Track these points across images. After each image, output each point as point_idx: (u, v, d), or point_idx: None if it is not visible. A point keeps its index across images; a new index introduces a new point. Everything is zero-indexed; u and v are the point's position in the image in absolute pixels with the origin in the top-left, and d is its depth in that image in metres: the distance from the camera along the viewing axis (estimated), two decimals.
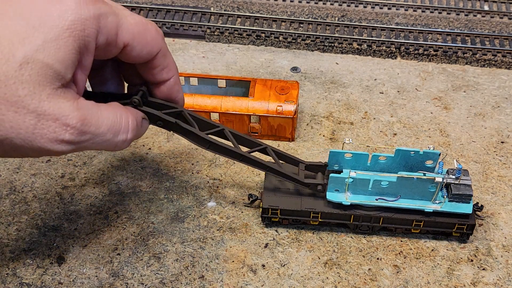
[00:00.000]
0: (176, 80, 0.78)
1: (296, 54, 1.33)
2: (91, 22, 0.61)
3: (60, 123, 0.60)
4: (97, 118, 0.64)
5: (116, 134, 0.67)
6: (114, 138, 0.67)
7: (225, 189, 1.02)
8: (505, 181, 1.04)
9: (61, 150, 0.62)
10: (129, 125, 0.69)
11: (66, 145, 0.62)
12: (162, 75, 0.76)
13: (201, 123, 0.84)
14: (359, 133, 1.13)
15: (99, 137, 0.65)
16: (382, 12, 1.45)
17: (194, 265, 0.90)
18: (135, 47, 0.69)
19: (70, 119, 0.61)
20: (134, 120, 0.70)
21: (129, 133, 0.69)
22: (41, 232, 0.94)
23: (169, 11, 1.43)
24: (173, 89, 0.78)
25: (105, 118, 0.65)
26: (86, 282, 0.88)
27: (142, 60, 0.72)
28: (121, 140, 0.68)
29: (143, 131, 0.76)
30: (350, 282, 0.88)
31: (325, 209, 0.92)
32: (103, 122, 0.65)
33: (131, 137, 0.69)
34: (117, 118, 0.67)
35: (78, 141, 0.62)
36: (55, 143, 0.61)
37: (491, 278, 0.89)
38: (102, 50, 0.66)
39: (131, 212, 0.98)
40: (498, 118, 1.16)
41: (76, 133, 0.62)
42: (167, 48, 0.75)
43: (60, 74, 0.59)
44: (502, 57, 1.31)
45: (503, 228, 0.96)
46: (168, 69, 0.76)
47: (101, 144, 0.65)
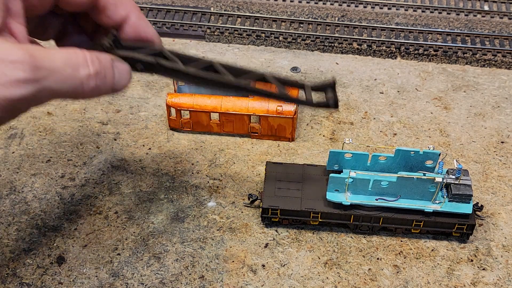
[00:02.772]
0: (138, 15, 0.70)
1: (296, 54, 1.33)
2: None
3: (7, 62, 0.54)
4: (47, 54, 0.58)
5: (76, 68, 0.60)
6: (75, 73, 0.59)
7: (225, 189, 1.02)
8: (505, 181, 1.04)
9: (20, 95, 0.55)
10: (87, 59, 0.61)
11: (24, 86, 0.55)
12: (117, 12, 0.68)
13: (185, 59, 0.73)
14: (359, 133, 1.13)
15: (58, 73, 0.58)
16: (382, 12, 1.45)
17: (194, 265, 0.90)
18: None
19: (14, 55, 0.54)
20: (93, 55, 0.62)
21: (90, 66, 0.61)
22: (41, 232, 0.94)
23: (169, 11, 1.43)
24: (138, 26, 0.70)
25: (57, 53, 0.59)
26: (86, 282, 0.88)
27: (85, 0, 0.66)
28: (84, 75, 0.60)
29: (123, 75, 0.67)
30: (350, 282, 0.88)
31: (325, 209, 0.92)
32: (55, 56, 0.58)
33: (95, 70, 0.62)
34: (72, 53, 0.60)
35: (35, 78, 0.56)
36: (11, 87, 0.54)
37: (491, 278, 0.89)
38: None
39: (131, 212, 0.98)
40: (498, 118, 1.16)
41: (29, 68, 0.55)
42: None
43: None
44: (502, 57, 1.31)
45: (503, 228, 0.96)
46: (123, 4, 0.68)
47: (64, 82, 0.59)
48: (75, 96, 0.62)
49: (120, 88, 0.67)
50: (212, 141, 1.11)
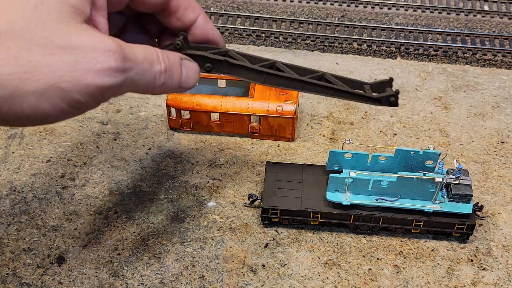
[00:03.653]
0: (205, 18, 0.73)
1: (296, 54, 1.33)
2: None
3: (101, 50, 0.56)
4: (131, 48, 0.61)
5: (152, 64, 0.63)
6: (151, 68, 0.63)
7: (225, 189, 1.02)
8: (505, 181, 1.04)
9: (111, 83, 0.57)
10: (159, 57, 0.65)
11: (114, 74, 0.57)
12: (188, 15, 0.72)
13: (250, 58, 0.78)
14: (359, 133, 1.13)
15: (139, 65, 0.61)
16: (382, 12, 1.45)
17: (194, 265, 0.90)
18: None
19: (108, 44, 0.57)
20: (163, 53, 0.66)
21: (161, 62, 0.65)
22: (41, 232, 0.94)
23: None
24: (205, 28, 0.73)
25: (138, 49, 0.62)
26: (86, 282, 0.88)
27: (160, 1, 0.68)
28: (157, 70, 0.64)
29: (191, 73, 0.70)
30: (350, 282, 0.88)
31: (325, 209, 0.92)
32: (137, 51, 0.61)
33: (165, 66, 0.65)
34: (147, 50, 0.64)
35: (124, 68, 0.58)
36: (103, 75, 0.56)
37: (491, 278, 0.89)
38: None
39: (131, 212, 0.98)
40: (498, 118, 1.16)
41: (120, 58, 0.57)
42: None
43: (78, 8, 0.57)
44: (502, 57, 1.31)
45: (503, 228, 0.96)
46: (192, 7, 0.72)
47: (142, 75, 0.62)
48: (146, 91, 0.65)
49: (188, 86, 0.69)
50: (212, 141, 1.11)
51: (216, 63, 0.74)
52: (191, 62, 0.70)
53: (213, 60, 0.73)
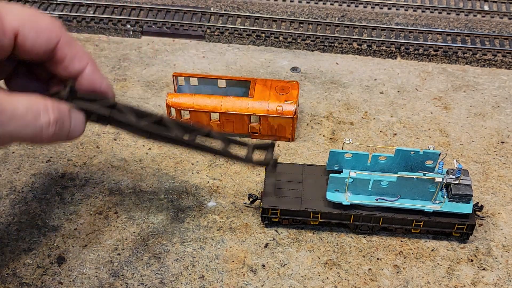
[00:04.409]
0: (93, 68, 0.71)
1: (296, 54, 1.33)
2: None
3: None
4: (10, 99, 0.58)
5: (37, 115, 0.61)
6: (36, 120, 0.61)
7: (225, 189, 1.02)
8: (505, 181, 1.04)
9: None
10: (48, 106, 0.63)
11: None
12: (74, 65, 0.69)
13: (138, 113, 0.76)
14: (359, 133, 1.13)
15: (20, 119, 0.59)
16: (382, 12, 1.45)
17: (194, 265, 0.90)
18: (28, 34, 0.63)
19: None
20: (53, 103, 0.64)
21: (50, 113, 0.62)
22: (41, 232, 0.94)
23: (169, 11, 1.43)
24: (93, 78, 0.71)
25: (20, 99, 0.60)
26: (86, 282, 0.88)
27: (42, 51, 0.65)
28: (45, 121, 0.61)
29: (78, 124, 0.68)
30: (350, 282, 0.88)
31: (325, 209, 0.92)
32: (18, 102, 0.59)
33: (54, 118, 0.63)
34: (33, 99, 0.61)
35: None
36: None
37: (491, 278, 0.89)
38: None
39: (131, 212, 0.98)
40: (498, 118, 1.16)
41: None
42: (71, 37, 0.69)
43: None
44: (502, 57, 1.31)
45: (503, 228, 0.96)
46: (79, 57, 0.69)
47: (24, 128, 0.59)
48: (33, 141, 0.63)
49: (75, 136, 0.68)
50: (212, 141, 1.10)
51: (101, 117, 0.73)
52: (79, 113, 0.69)
53: (99, 114, 0.72)
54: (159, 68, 1.28)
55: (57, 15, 1.40)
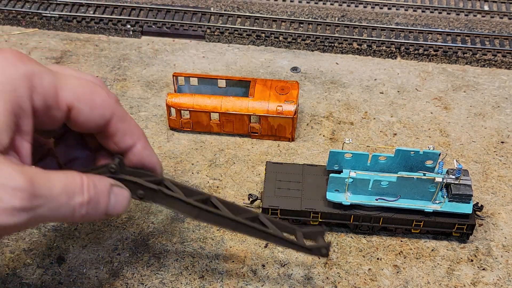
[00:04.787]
0: (144, 145, 0.70)
1: (296, 54, 1.33)
2: (22, 81, 0.56)
3: (6, 187, 0.52)
4: (47, 180, 0.57)
5: (72, 196, 0.59)
6: (69, 201, 0.59)
7: (225, 189, 1.02)
8: (505, 181, 1.04)
9: (13, 223, 0.53)
10: (84, 186, 0.61)
11: (18, 214, 0.53)
12: (125, 141, 0.68)
13: (185, 190, 0.74)
14: (359, 133, 1.13)
15: (53, 200, 0.57)
16: (382, 12, 1.45)
17: (194, 265, 0.90)
18: (82, 109, 0.62)
19: (16, 181, 0.53)
20: (90, 182, 0.62)
21: (85, 193, 0.61)
22: (41, 232, 0.94)
23: (169, 11, 1.43)
24: (142, 155, 0.70)
25: (57, 179, 0.58)
26: (86, 282, 0.88)
27: (95, 125, 0.64)
28: (78, 203, 0.60)
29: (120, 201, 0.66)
30: (350, 282, 0.88)
31: (325, 209, 0.92)
32: (54, 183, 0.57)
33: (89, 198, 0.61)
34: (70, 178, 0.60)
35: (31, 207, 0.54)
36: (5, 214, 0.53)
37: (491, 278, 0.89)
38: (45, 115, 0.60)
39: (131, 212, 0.98)
40: (498, 118, 1.16)
41: (28, 197, 0.54)
42: (125, 112, 0.68)
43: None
44: (502, 57, 1.31)
45: (503, 228, 0.96)
46: (131, 134, 0.68)
47: (57, 210, 0.58)
48: (64, 221, 0.63)
49: (115, 214, 0.66)
50: (212, 141, 1.11)
51: (150, 192, 0.71)
52: (122, 189, 0.67)
53: (147, 188, 0.70)
54: (159, 68, 1.28)
55: (57, 15, 1.40)
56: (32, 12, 1.41)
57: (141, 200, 0.71)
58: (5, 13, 1.41)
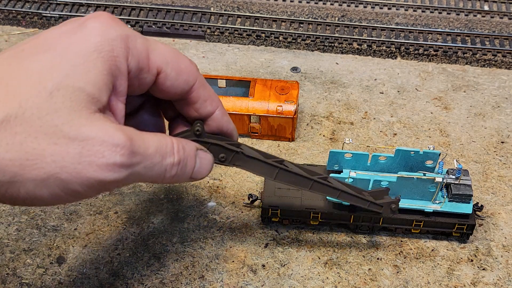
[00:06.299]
0: (223, 111, 0.72)
1: (296, 54, 1.33)
2: (119, 42, 0.58)
3: (108, 144, 0.54)
4: (143, 140, 0.59)
5: (164, 156, 0.61)
6: (162, 161, 0.61)
7: (225, 189, 1.02)
8: (505, 181, 1.04)
9: (113, 178, 0.55)
10: (174, 148, 0.63)
11: (119, 170, 0.55)
12: (206, 107, 0.70)
13: (262, 153, 0.77)
14: (359, 133, 1.13)
15: (149, 159, 0.59)
16: (382, 12, 1.45)
17: (194, 265, 0.90)
18: (169, 74, 0.64)
19: (117, 139, 0.55)
20: (179, 144, 0.65)
21: (175, 154, 0.63)
22: (41, 232, 0.94)
23: (169, 11, 1.43)
24: (222, 121, 0.72)
25: (151, 140, 0.60)
26: (86, 282, 0.88)
27: (179, 91, 0.66)
28: (169, 163, 0.62)
29: (205, 164, 0.68)
30: (350, 282, 0.88)
31: (325, 209, 0.92)
32: (149, 143, 0.59)
33: (178, 159, 0.63)
34: (162, 140, 0.62)
35: (130, 164, 0.56)
36: (106, 170, 0.55)
37: (491, 278, 0.89)
38: (136, 78, 0.62)
39: (131, 212, 0.98)
40: (498, 118, 1.16)
41: (128, 154, 0.56)
42: (204, 79, 0.70)
43: (94, 97, 0.55)
44: (502, 57, 1.31)
45: (503, 228, 0.96)
46: (211, 100, 0.70)
47: (151, 168, 0.60)
48: (154, 181, 0.63)
49: (199, 178, 0.68)
50: None
51: (231, 154, 0.73)
52: (207, 153, 0.69)
53: (228, 150, 0.73)
54: None
55: (57, 15, 1.40)
56: (32, 12, 1.41)
57: (222, 164, 0.73)
58: (5, 13, 1.41)
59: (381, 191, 0.85)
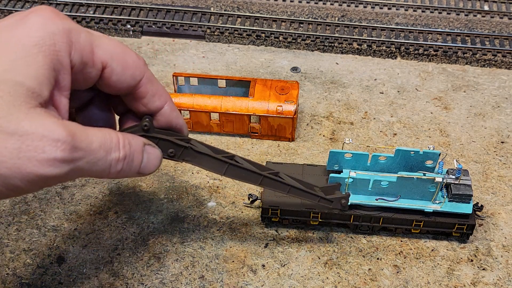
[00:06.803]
0: (172, 106, 0.72)
1: (296, 54, 1.33)
2: (61, 36, 0.57)
3: (48, 139, 0.54)
4: (86, 135, 0.58)
5: (109, 151, 0.61)
6: (107, 156, 0.61)
7: (225, 189, 1.02)
8: (505, 181, 1.04)
9: (54, 174, 0.55)
10: (120, 143, 0.63)
11: (60, 165, 0.55)
12: (154, 102, 0.69)
13: (212, 148, 0.77)
14: (359, 133, 1.13)
15: (92, 154, 0.59)
16: (382, 12, 1.45)
17: (194, 265, 0.90)
18: (115, 68, 0.64)
19: (58, 133, 0.54)
20: (125, 139, 0.64)
21: (121, 149, 0.63)
22: (41, 232, 0.94)
23: (169, 11, 1.43)
24: (171, 116, 0.72)
25: (95, 135, 0.60)
26: (86, 282, 0.88)
27: (125, 85, 0.66)
28: (114, 158, 0.62)
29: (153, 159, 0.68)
30: (350, 282, 0.88)
31: (325, 209, 0.92)
32: (93, 138, 0.59)
33: (124, 154, 0.63)
34: (107, 135, 0.61)
35: (71, 159, 0.56)
36: (46, 165, 0.54)
37: (491, 278, 0.89)
38: (80, 73, 0.62)
39: (131, 212, 0.98)
40: (498, 118, 1.16)
41: (69, 149, 0.55)
42: (153, 74, 0.70)
43: (34, 92, 0.55)
44: (502, 57, 1.31)
45: (503, 228, 0.96)
46: (159, 95, 0.70)
47: (95, 163, 0.60)
48: (99, 177, 0.63)
49: (147, 172, 0.68)
50: (212, 141, 1.11)
51: (180, 149, 0.73)
52: (154, 148, 0.69)
53: (177, 146, 0.72)
54: (159, 68, 1.28)
55: None
56: None
57: (171, 159, 0.73)
58: (5, 13, 1.41)
59: (332, 187, 0.86)
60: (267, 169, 0.81)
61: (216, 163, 0.76)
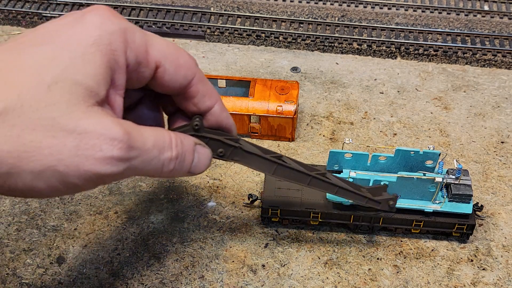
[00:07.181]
0: (222, 106, 0.72)
1: (296, 54, 1.33)
2: (118, 36, 0.58)
3: (105, 138, 0.54)
4: (141, 134, 0.59)
5: (162, 151, 0.61)
6: (160, 155, 0.61)
7: (225, 189, 1.02)
8: (505, 181, 1.04)
9: (110, 172, 0.55)
10: (172, 142, 0.63)
11: (116, 163, 0.55)
12: (205, 102, 0.70)
13: (260, 148, 0.77)
14: (359, 133, 1.13)
15: (146, 153, 0.59)
16: (382, 12, 1.45)
17: (194, 265, 0.90)
18: (168, 68, 0.64)
19: (115, 132, 0.55)
20: (177, 138, 0.65)
21: (173, 149, 0.63)
22: (41, 232, 0.94)
23: (169, 11, 1.43)
24: (221, 116, 0.72)
25: (149, 134, 0.60)
26: (86, 282, 0.88)
27: (178, 85, 0.67)
28: (167, 157, 0.62)
29: (203, 159, 0.68)
30: (350, 282, 0.88)
31: (325, 209, 0.92)
32: (147, 137, 0.59)
33: (176, 153, 0.63)
34: (160, 135, 0.62)
35: (127, 158, 0.56)
36: (104, 163, 0.55)
37: (491, 278, 0.89)
38: (134, 72, 0.62)
39: (131, 212, 0.98)
40: (498, 118, 1.16)
41: (125, 148, 0.56)
42: (203, 75, 0.71)
43: (92, 90, 0.55)
44: (502, 57, 1.31)
45: (503, 228, 0.96)
46: (210, 95, 0.70)
47: (149, 162, 0.60)
48: (151, 175, 0.63)
49: (197, 172, 0.68)
50: None
51: (229, 149, 0.73)
52: (205, 148, 0.69)
53: (227, 145, 0.73)
54: None
55: (57, 15, 1.40)
56: (32, 12, 1.41)
57: (221, 159, 0.73)
58: (5, 13, 1.41)
59: (379, 188, 0.86)
60: (315, 169, 0.80)
61: (265, 163, 0.76)
